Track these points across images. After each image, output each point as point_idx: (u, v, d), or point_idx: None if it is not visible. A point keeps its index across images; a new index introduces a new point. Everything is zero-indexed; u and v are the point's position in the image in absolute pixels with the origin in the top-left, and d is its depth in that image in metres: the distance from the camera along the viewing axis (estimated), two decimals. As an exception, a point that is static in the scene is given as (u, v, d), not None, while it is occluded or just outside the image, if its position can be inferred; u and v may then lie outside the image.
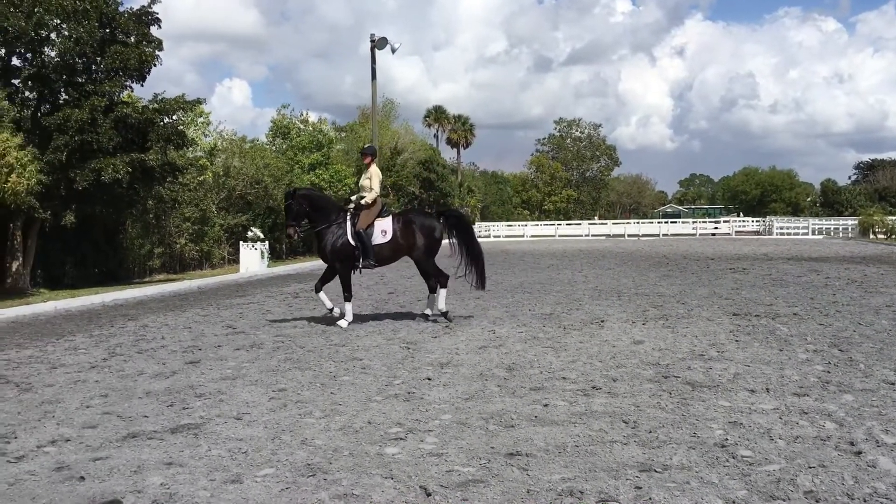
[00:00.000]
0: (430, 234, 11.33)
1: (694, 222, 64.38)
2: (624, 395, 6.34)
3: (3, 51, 23.83)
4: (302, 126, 50.70)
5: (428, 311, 11.66)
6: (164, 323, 11.96)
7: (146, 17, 25.11)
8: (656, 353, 8.26)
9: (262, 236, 27.40)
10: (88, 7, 23.13)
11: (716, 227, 60.84)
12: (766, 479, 4.31)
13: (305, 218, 11.14)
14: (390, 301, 14.14)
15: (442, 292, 11.39)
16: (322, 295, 11.20)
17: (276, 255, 35.88)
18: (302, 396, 6.57)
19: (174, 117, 26.68)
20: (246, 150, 41.53)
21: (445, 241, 11.68)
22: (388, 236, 11.11)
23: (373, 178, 11.24)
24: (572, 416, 5.72)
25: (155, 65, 25.09)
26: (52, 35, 23.87)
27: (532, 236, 58.58)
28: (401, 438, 5.26)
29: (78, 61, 24.05)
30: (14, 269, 24.03)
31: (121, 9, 24.94)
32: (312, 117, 52.75)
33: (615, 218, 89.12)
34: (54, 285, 25.70)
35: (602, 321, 10.77)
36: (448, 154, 79.46)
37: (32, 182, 20.14)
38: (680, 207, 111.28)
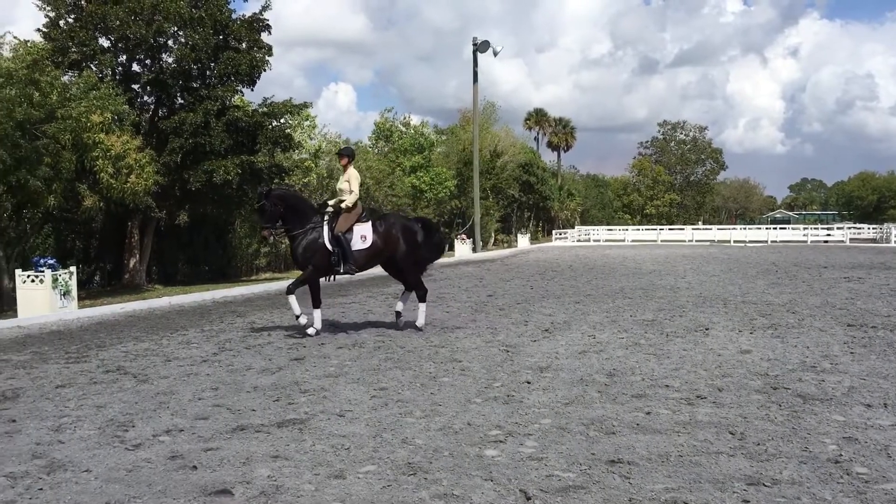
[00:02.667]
0: (413, 238, 10.94)
1: (805, 229, 61.89)
2: (730, 406, 6.16)
3: (125, 57, 25.11)
4: (404, 129, 51.40)
5: (399, 307, 11.22)
6: (270, 320, 12.32)
7: (257, 24, 25.99)
8: (765, 363, 7.99)
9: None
10: (204, 15, 24.12)
11: (828, 234, 58.28)
12: (884, 499, 4.11)
13: (280, 219, 10.42)
14: (489, 304, 14.16)
15: (422, 307, 11.06)
16: (292, 298, 10.49)
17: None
18: (402, 396, 6.65)
19: (282, 121, 27.57)
20: (349, 153, 42.35)
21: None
22: (368, 242, 10.55)
23: (351, 181, 10.71)
24: (676, 425, 5.60)
25: (265, 70, 25.94)
26: (170, 42, 24.99)
27: (633, 241, 57.51)
28: (500, 441, 5.27)
29: (193, 67, 25.10)
30: (131, 266, 25.26)
31: (234, 16, 25.86)
32: (414, 120, 53.47)
33: (720, 223, 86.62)
34: (168, 281, 26.89)
35: (707, 329, 10.49)
36: (548, 157, 79.12)
37: (150, 183, 21.11)
38: (790, 213, 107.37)
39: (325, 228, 10.43)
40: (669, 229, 64.02)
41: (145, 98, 25.99)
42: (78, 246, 26.64)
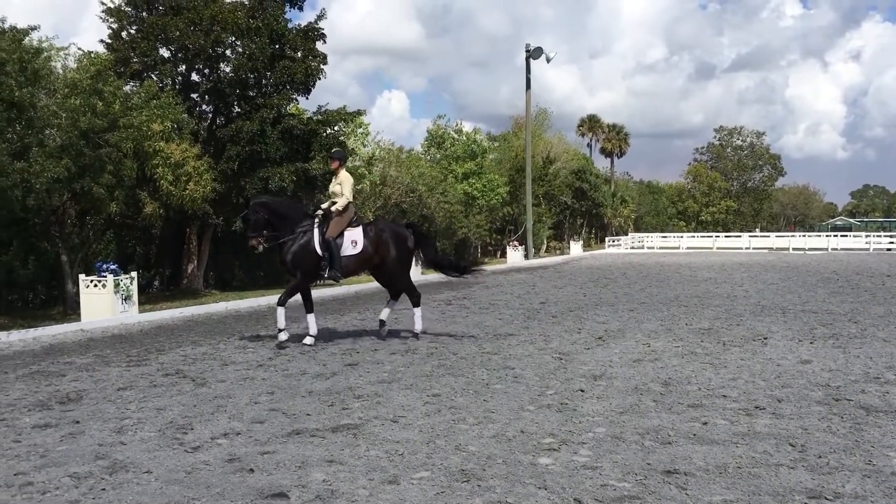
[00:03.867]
0: (403, 244, 10.84)
1: (867, 236, 60.20)
2: (790, 417, 6.02)
3: (184, 67, 25.63)
4: (456, 136, 51.44)
5: (384, 317, 11.06)
6: (322, 325, 12.44)
7: (312, 33, 26.31)
8: (826, 373, 7.80)
9: (416, 244, 27.95)
10: (260, 25, 24.52)
11: (892, 242, 56.60)
12: (954, 516, 3.97)
13: (267, 227, 10.20)
14: (542, 311, 14.09)
15: (417, 311, 11.04)
16: (281, 311, 10.41)
17: (428, 263, 36.47)
18: (455, 402, 6.66)
19: (336, 128, 27.82)
20: (402, 160, 42.58)
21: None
22: (359, 248, 10.38)
23: (344, 184, 10.57)
24: (734, 436, 5.49)
25: (319, 78, 26.24)
26: (228, 52, 25.46)
27: (688, 248, 56.66)
28: (554, 449, 5.24)
29: (250, 76, 25.50)
30: (189, 271, 25.76)
31: (289, 26, 26.22)
32: (467, 127, 53.39)
33: (778, 230, 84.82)
34: (224, 287, 27.33)
35: (765, 338, 10.28)
36: (601, 163, 78.45)
37: (207, 190, 21.48)
38: (851, 220, 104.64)
39: (316, 232, 10.22)
40: (726, 236, 62.88)
41: (204, 107, 26.46)
42: (138, 252, 27.25)
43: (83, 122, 17.45)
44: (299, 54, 26.19)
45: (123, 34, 24.80)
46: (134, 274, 15.06)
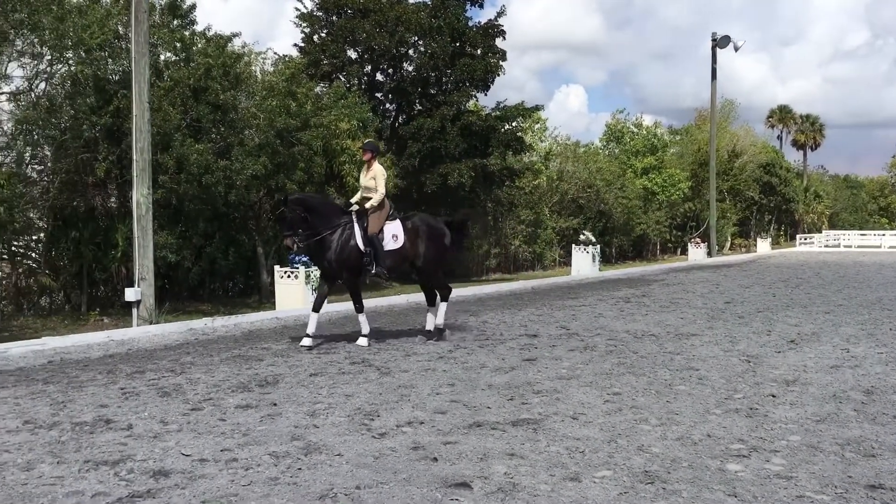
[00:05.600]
0: (440, 240, 10.36)
1: None
2: None
3: (370, 67, 26.70)
4: (636, 130, 50.32)
5: (430, 327, 10.56)
6: (501, 320, 12.56)
7: (492, 31, 26.62)
8: None
9: (594, 240, 27.65)
10: (442, 24, 25.09)
11: None
12: None
13: (303, 226, 9.71)
14: (727, 311, 13.50)
15: (443, 306, 10.48)
16: (314, 317, 9.79)
17: (605, 259, 35.98)
18: (637, 402, 6.52)
19: (514, 124, 28.02)
20: (579, 155, 42.21)
21: None
22: (400, 242, 9.98)
23: (377, 177, 10.08)
24: (949, 454, 5.03)
25: (498, 74, 26.52)
26: (410, 51, 26.25)
27: (890, 247, 52.33)
28: (744, 456, 5.01)
29: (431, 74, 26.19)
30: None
31: (470, 24, 26.66)
32: (647, 121, 52.16)
33: None
34: (405, 280, 28.22)
35: (984, 347, 9.33)
36: (792, 157, 74.03)
37: (390, 186, 22.22)
38: None
39: (357, 228, 9.83)
40: (936, 235, 57.48)
41: (387, 105, 27.48)
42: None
43: (279, 122, 18.57)
44: (479, 51, 26.59)
45: (315, 38, 26.17)
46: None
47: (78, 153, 17.14)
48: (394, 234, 9.96)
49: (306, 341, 9.57)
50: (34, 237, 18.22)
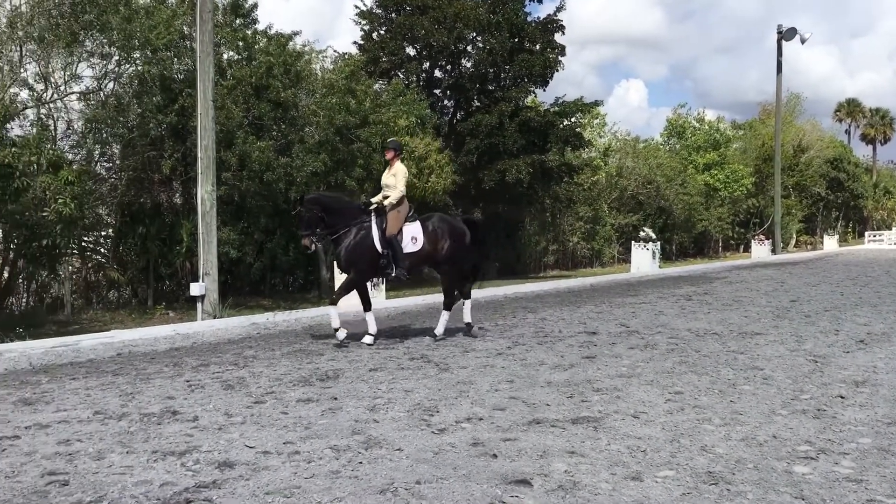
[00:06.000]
0: (461, 239, 10.16)
1: None
2: None
3: (428, 64, 26.78)
4: (698, 125, 49.47)
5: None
6: (560, 317, 12.48)
7: (551, 26, 26.46)
8: None
9: (654, 236, 27.30)
10: (501, 19, 25.04)
11: None
12: None
13: (320, 225, 9.63)
14: (793, 310, 13.19)
15: (467, 303, 10.45)
16: (333, 310, 9.74)
17: (665, 256, 35.47)
18: (699, 402, 6.42)
19: (572, 119, 27.82)
20: (639, 151, 41.69)
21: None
22: (419, 244, 9.78)
23: (398, 176, 9.91)
24: None
25: (557, 70, 26.36)
26: (469, 48, 26.25)
27: (967, 245, 50.36)
28: (811, 458, 4.89)
29: (489, 70, 26.15)
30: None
31: (528, 19, 26.54)
32: (709, 115, 51.22)
33: None
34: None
35: None
36: (861, 151, 71.96)
37: (448, 182, 22.34)
38: None
39: (375, 228, 9.65)
40: None
41: (445, 102, 27.54)
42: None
43: (338, 119, 18.76)
44: (538, 47, 26.47)
45: (374, 35, 26.35)
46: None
47: (145, 151, 17.58)
48: (413, 237, 9.79)
49: (367, 339, 9.66)
50: (103, 233, 18.75)
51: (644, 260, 26.67)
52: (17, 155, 12.02)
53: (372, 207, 9.89)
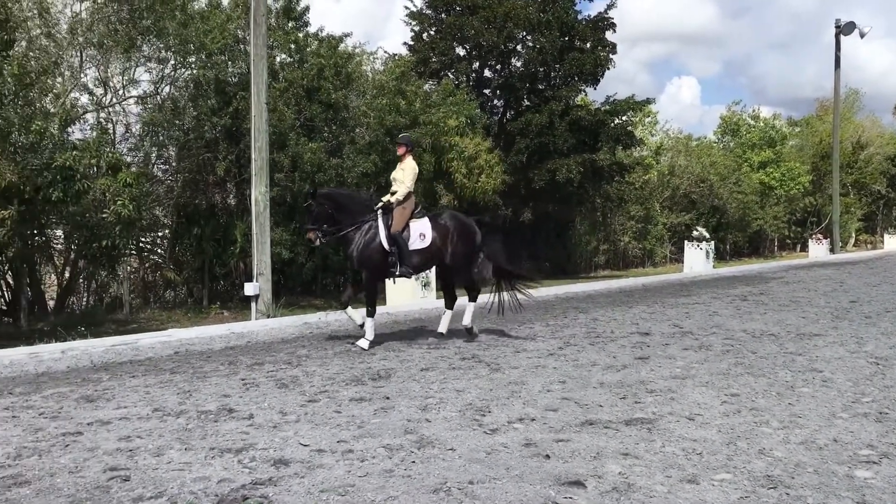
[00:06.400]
0: (472, 238, 9.92)
1: None
2: None
3: (478, 64, 26.77)
4: (752, 122, 48.57)
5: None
6: (612, 318, 12.37)
7: (602, 23, 26.24)
8: None
9: (707, 236, 26.89)
10: (551, 18, 24.91)
11: None
12: None
13: (328, 221, 9.51)
14: (853, 310, 12.87)
15: (471, 307, 10.06)
16: (350, 311, 9.72)
17: (719, 256, 34.88)
18: (756, 404, 6.30)
19: (623, 118, 27.53)
20: (692, 149, 41.08)
21: None
22: (427, 241, 9.55)
23: (406, 172, 9.71)
24: None
25: (608, 68, 26.12)
26: (518, 47, 26.17)
27: None
28: (874, 462, 4.77)
29: (539, 69, 26.02)
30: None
31: (579, 17, 26.36)
32: (765, 112, 50.29)
33: None
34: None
35: None
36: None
37: (497, 182, 22.30)
38: None
39: (381, 226, 9.47)
40: None
41: (495, 102, 27.48)
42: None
43: (388, 120, 18.86)
44: (588, 45, 26.28)
45: (424, 36, 26.43)
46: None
47: (199, 153, 17.90)
48: (421, 233, 9.58)
49: (363, 343, 9.34)
50: (159, 234, 19.14)
51: (697, 259, 26.30)
52: (78, 158, 12.33)
53: (379, 206, 9.70)
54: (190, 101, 17.73)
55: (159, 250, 19.12)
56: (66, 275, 16.13)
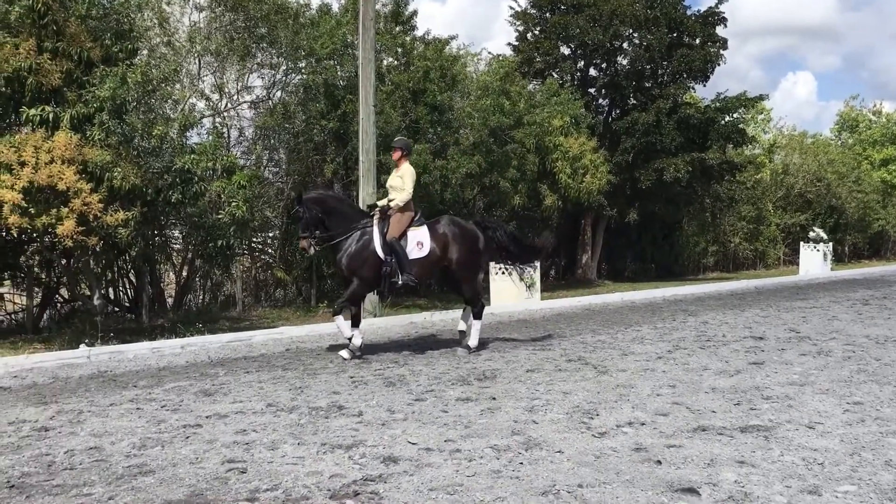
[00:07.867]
0: (473, 243, 9.29)
1: None
2: None
3: (582, 63, 26.47)
4: (873, 118, 46.26)
5: (462, 327, 9.54)
6: (723, 321, 12.00)
7: (712, 18, 25.52)
8: None
9: (824, 237, 25.75)
10: (658, 14, 24.39)
11: None
12: None
13: (320, 226, 8.95)
14: None
15: (476, 325, 9.28)
16: (339, 320, 8.98)
17: (837, 258, 33.35)
18: (882, 413, 5.99)
19: (734, 115, 26.67)
20: (807, 146, 39.44)
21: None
22: (426, 249, 9.02)
23: (405, 177, 9.16)
24: None
25: (719, 64, 25.40)
26: (625, 45, 25.73)
27: None
28: None
29: (646, 67, 25.52)
30: (583, 261, 26.61)
31: (688, 12, 25.71)
32: (887, 107, 47.79)
33: None
34: (616, 278, 27.76)
35: None
36: None
37: (603, 182, 21.97)
38: None
39: (376, 233, 8.96)
40: None
41: (600, 101, 27.10)
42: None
43: (492, 120, 18.86)
44: (697, 41, 25.61)
45: (528, 35, 26.32)
46: (537, 263, 15.89)
47: (309, 155, 18.37)
48: (419, 242, 9.08)
49: (345, 353, 8.87)
50: (270, 234, 19.73)
51: (814, 261, 25.22)
52: (196, 161, 12.83)
53: (375, 211, 9.30)
54: (300, 105, 18.20)
55: (270, 250, 19.72)
56: (184, 273, 16.83)
